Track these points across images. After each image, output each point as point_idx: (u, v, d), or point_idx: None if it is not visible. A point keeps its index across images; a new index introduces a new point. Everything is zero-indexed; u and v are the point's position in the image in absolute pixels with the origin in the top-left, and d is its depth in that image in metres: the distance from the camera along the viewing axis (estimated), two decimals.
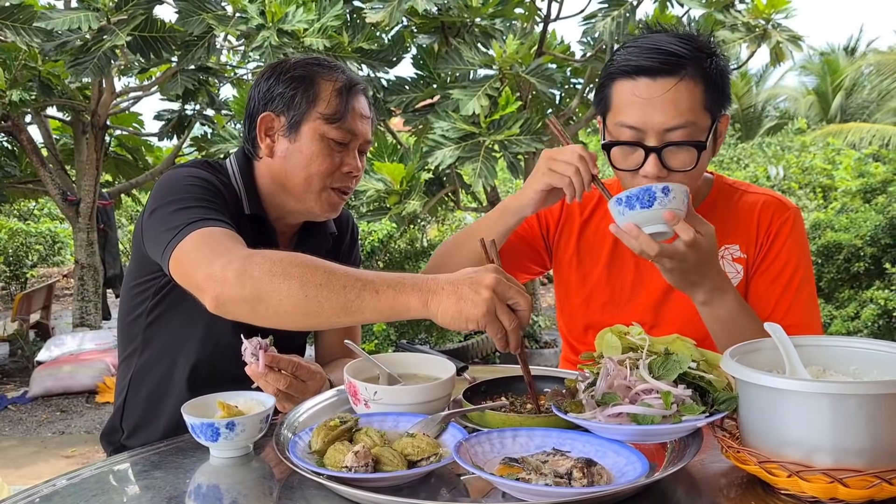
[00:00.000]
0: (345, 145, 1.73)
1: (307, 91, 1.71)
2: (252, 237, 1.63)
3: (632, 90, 1.56)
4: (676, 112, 1.53)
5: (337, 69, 1.76)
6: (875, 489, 1.02)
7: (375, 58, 5.30)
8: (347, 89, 1.73)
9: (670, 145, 1.55)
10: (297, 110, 1.71)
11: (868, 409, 1.02)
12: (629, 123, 1.57)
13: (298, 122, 1.72)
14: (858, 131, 15.53)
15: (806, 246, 1.74)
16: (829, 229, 6.17)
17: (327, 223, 1.90)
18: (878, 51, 20.67)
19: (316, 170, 1.71)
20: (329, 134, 1.70)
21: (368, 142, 1.79)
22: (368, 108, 1.79)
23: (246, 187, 1.76)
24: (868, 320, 5.56)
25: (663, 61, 1.54)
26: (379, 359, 1.52)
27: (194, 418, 1.31)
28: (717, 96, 1.58)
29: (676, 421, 1.16)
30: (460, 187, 5.74)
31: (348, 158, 1.74)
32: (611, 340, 1.29)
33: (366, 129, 1.77)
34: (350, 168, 1.74)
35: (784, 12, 5.25)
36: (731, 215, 1.75)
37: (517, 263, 1.92)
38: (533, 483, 1.07)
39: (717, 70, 1.58)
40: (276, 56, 4.78)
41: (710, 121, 1.58)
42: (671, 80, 1.53)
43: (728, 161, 13.87)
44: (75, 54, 5.07)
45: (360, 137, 1.75)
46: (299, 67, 1.75)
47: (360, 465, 1.12)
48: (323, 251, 1.80)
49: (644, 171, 1.57)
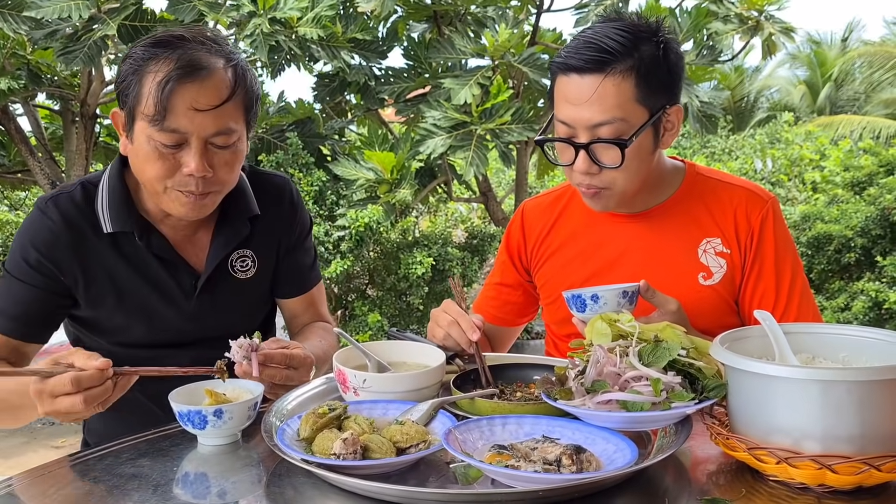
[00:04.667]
0: (178, 146, 1.51)
1: (135, 85, 1.50)
2: (112, 256, 1.66)
3: (565, 86, 1.60)
4: (602, 108, 1.55)
5: (170, 52, 1.49)
6: (864, 475, 1.02)
7: (368, 48, 5.27)
8: (168, 82, 1.46)
9: (597, 142, 1.57)
10: (129, 108, 1.53)
11: (857, 396, 1.02)
12: (562, 119, 1.61)
13: (132, 121, 1.53)
14: (849, 123, 15.55)
15: (788, 235, 1.74)
16: (820, 221, 6.18)
17: (245, 207, 1.75)
18: (869, 42, 20.69)
19: (149, 175, 1.54)
20: (154, 136, 1.49)
21: (224, 133, 1.53)
22: (224, 89, 1.51)
23: (118, 198, 1.64)
24: (859, 312, 5.58)
25: (589, 59, 1.55)
26: (368, 347, 1.51)
27: (182, 405, 1.30)
28: (652, 89, 1.57)
29: (666, 408, 1.15)
30: (452, 177, 5.73)
31: (186, 158, 1.51)
32: (601, 328, 1.29)
33: (204, 122, 1.49)
34: (189, 170, 1.50)
35: (777, 4, 5.25)
36: (707, 207, 1.74)
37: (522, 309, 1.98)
38: (522, 470, 1.06)
39: (652, 61, 1.56)
40: (268, 44, 4.75)
41: (647, 115, 1.58)
42: (597, 76, 1.55)
43: (720, 153, 13.90)
44: (65, 43, 5.03)
45: (195, 133, 1.50)
46: (138, 51, 1.52)
47: (348, 453, 1.12)
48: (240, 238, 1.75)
49: (575, 167, 1.60)
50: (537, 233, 1.89)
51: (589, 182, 1.62)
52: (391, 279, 5.61)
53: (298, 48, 4.91)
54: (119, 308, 1.70)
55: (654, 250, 1.74)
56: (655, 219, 1.75)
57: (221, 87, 1.51)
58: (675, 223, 1.74)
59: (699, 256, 1.71)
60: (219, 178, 1.56)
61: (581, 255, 1.81)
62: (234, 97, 1.53)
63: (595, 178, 1.61)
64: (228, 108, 1.52)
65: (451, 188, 5.96)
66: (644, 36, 1.58)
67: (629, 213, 1.76)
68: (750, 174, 9.70)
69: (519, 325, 2.03)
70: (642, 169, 1.64)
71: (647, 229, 1.75)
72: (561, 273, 1.84)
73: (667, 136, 1.66)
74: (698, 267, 1.71)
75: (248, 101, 1.58)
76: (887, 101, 17.83)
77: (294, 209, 1.88)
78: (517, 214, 1.97)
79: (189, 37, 1.52)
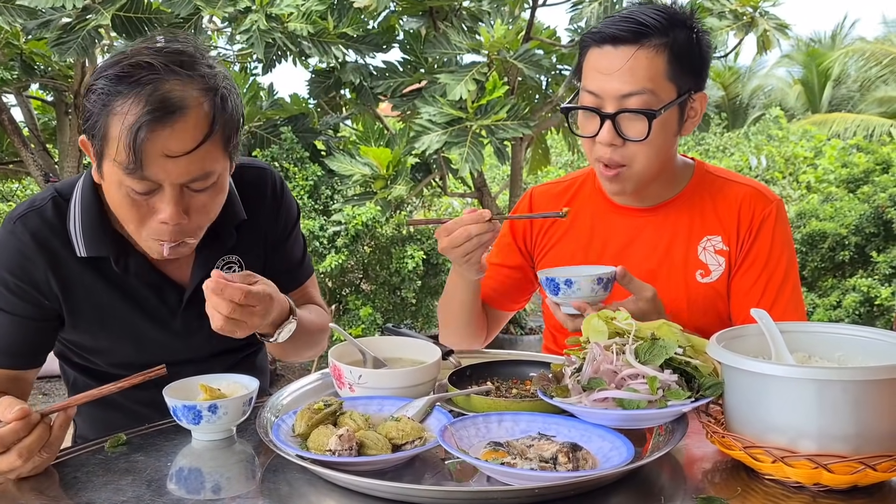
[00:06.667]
0: (150, 192, 1.37)
1: (102, 126, 1.35)
2: (90, 277, 1.55)
3: (597, 57, 1.62)
4: (633, 79, 1.57)
5: (139, 89, 1.31)
6: (859, 475, 1.02)
7: (363, 42, 5.26)
8: (140, 129, 1.29)
9: (624, 112, 1.58)
10: (97, 148, 1.38)
11: (853, 395, 1.03)
12: (590, 89, 1.62)
13: (100, 158, 1.39)
14: (843, 121, 15.60)
15: (789, 238, 1.74)
16: (814, 218, 6.20)
17: (232, 214, 1.62)
18: (864, 39, 20.72)
19: (122, 218, 1.44)
20: (125, 182, 1.35)
21: (200, 178, 1.39)
22: (200, 129, 1.35)
23: (91, 220, 1.52)
24: (850, 308, 5.59)
25: (626, 29, 1.58)
26: (364, 342, 1.51)
27: (176, 400, 1.30)
28: (683, 69, 1.60)
29: (662, 406, 1.16)
30: (448, 172, 5.73)
31: (160, 205, 1.38)
32: (597, 325, 1.29)
33: (177, 169, 1.34)
34: (163, 217, 1.38)
35: (771, 0, 5.25)
36: (712, 205, 1.74)
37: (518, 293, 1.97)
38: (518, 467, 1.06)
39: (685, 43, 1.60)
40: (265, 41, 4.73)
41: (675, 93, 1.60)
42: (631, 47, 1.57)
43: (714, 150, 13.92)
44: (59, 33, 5.00)
45: (168, 181, 1.36)
46: (103, 85, 1.35)
47: (343, 449, 1.12)
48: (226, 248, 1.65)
49: (599, 137, 1.61)
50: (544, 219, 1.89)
51: (610, 156, 1.62)
52: (384, 273, 5.60)
53: (291, 43, 4.89)
54: (103, 330, 1.61)
55: (657, 246, 1.74)
56: (662, 214, 1.75)
57: (197, 127, 1.35)
58: (680, 220, 1.74)
59: (698, 254, 1.72)
60: (195, 222, 1.45)
61: (586, 247, 1.82)
62: (212, 135, 1.36)
63: (617, 152, 1.62)
64: (205, 149, 1.36)
65: (445, 183, 5.96)
66: (679, 20, 1.61)
67: (638, 207, 1.77)
68: (745, 171, 9.72)
69: (509, 311, 2.02)
70: (663, 150, 1.65)
71: (653, 225, 1.76)
72: (564, 262, 1.83)
73: (689, 122, 1.67)
74: (696, 264, 1.72)
75: (228, 134, 1.42)
76: (881, 100, 17.88)
77: (277, 200, 1.76)
78: (525, 199, 1.97)
79: (158, 66, 1.33)
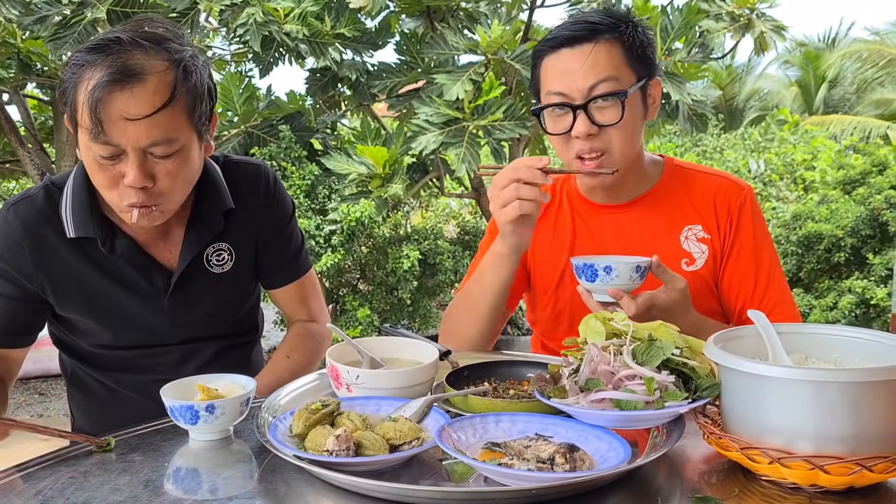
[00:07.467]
0: (115, 157, 1.44)
1: (72, 93, 1.43)
2: (79, 260, 1.61)
3: (555, 61, 1.69)
4: (597, 70, 1.65)
5: (104, 57, 1.39)
6: (855, 476, 1.03)
7: (360, 41, 5.25)
8: (96, 90, 1.37)
9: (596, 98, 1.65)
10: (71, 117, 1.46)
11: (850, 397, 1.03)
12: (556, 90, 1.68)
13: (76, 128, 1.46)
14: (840, 123, 15.62)
15: (765, 224, 1.82)
16: (810, 220, 6.20)
17: (218, 201, 1.70)
18: (862, 39, 20.74)
19: (97, 184, 1.50)
20: (92, 148, 1.42)
21: (161, 143, 1.44)
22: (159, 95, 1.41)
23: (80, 202, 1.59)
24: (845, 309, 5.60)
25: (581, 29, 1.67)
26: (362, 343, 1.51)
27: (174, 400, 1.29)
28: (636, 58, 1.69)
29: (659, 407, 1.16)
30: (445, 173, 5.72)
31: (125, 169, 1.44)
32: (595, 326, 1.29)
33: (137, 132, 1.40)
34: (128, 181, 1.44)
35: (768, 2, 5.26)
36: (688, 196, 1.82)
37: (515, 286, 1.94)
38: (515, 468, 1.06)
39: (632, 35, 1.69)
40: (261, 34, 4.73)
41: (636, 78, 1.69)
42: (589, 44, 1.66)
43: (711, 151, 13.93)
44: (55, 28, 4.98)
45: (129, 145, 1.42)
46: (76, 56, 1.43)
47: (341, 449, 1.11)
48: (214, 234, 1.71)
49: (574, 131, 1.67)
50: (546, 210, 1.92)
51: (590, 146, 1.68)
52: (380, 273, 5.60)
53: (288, 40, 4.89)
54: (90, 312, 1.67)
55: (639, 239, 1.80)
56: (638, 209, 1.82)
57: (157, 93, 1.40)
58: (657, 212, 1.81)
59: (681, 243, 1.79)
60: (161, 188, 1.48)
61: (569, 245, 1.86)
62: (172, 102, 1.42)
63: (595, 141, 1.67)
64: (166, 115, 1.42)
65: (443, 183, 5.95)
66: (621, 17, 1.72)
67: (615, 204, 1.84)
68: (744, 174, 9.73)
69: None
70: (636, 134, 1.73)
71: (632, 219, 1.82)
72: (550, 262, 1.89)
73: (651, 108, 1.76)
74: (681, 253, 1.79)
75: (191, 103, 1.46)
76: (878, 102, 17.92)
77: (271, 197, 1.80)
78: None
79: (126, 39, 1.41)
